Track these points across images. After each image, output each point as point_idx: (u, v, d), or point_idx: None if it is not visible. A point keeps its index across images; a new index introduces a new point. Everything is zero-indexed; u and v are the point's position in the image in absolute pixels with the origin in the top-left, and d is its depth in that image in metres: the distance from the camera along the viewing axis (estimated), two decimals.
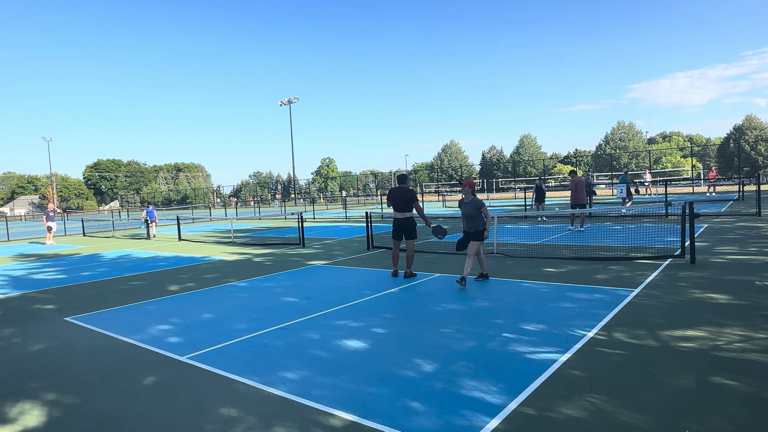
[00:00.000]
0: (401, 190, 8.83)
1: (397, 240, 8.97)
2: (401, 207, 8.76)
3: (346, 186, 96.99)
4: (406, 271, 8.84)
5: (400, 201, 8.76)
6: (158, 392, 4.19)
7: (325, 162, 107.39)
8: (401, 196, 8.77)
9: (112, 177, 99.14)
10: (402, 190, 8.84)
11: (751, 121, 67.05)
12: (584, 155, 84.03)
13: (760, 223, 14.39)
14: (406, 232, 8.79)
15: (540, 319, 5.69)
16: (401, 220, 8.79)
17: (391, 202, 8.85)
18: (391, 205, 8.85)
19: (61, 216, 45.48)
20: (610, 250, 10.61)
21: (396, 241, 8.99)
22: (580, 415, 3.37)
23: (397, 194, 8.80)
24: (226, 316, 6.65)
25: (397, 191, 8.83)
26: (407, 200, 8.75)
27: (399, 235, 8.91)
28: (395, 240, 8.99)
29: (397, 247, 9.03)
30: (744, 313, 5.54)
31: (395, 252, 9.04)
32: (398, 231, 8.88)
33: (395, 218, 8.85)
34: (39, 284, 10.24)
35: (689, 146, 74.64)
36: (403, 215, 8.78)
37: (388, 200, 8.93)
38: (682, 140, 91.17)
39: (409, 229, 8.78)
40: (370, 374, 4.31)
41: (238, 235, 19.54)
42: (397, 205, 8.79)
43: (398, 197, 8.78)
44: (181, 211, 49.30)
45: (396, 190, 8.87)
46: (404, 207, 8.76)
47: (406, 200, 8.75)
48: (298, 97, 58.22)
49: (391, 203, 8.86)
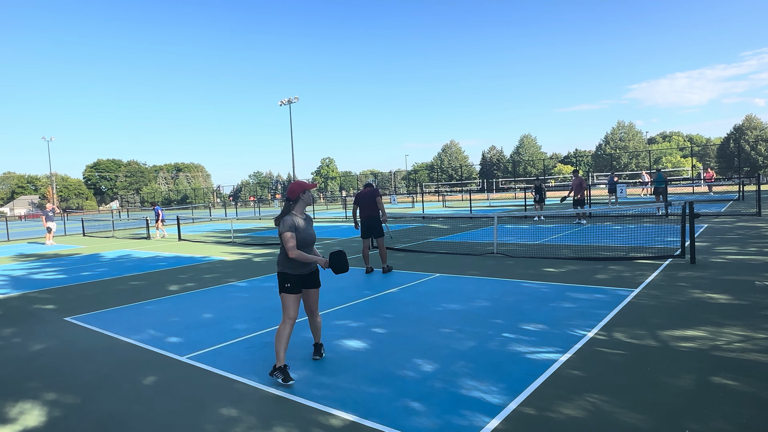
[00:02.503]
0: (366, 192, 9.47)
1: (366, 239, 9.55)
2: (367, 207, 9.33)
3: (346, 186, 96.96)
4: (383, 267, 9.32)
5: (366, 201, 9.37)
6: (158, 392, 4.19)
7: (325, 162, 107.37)
8: (366, 195, 9.43)
9: (112, 177, 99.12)
10: (367, 191, 9.48)
11: (751, 121, 67.02)
12: (584, 155, 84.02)
13: (760, 223, 14.39)
14: (373, 231, 9.35)
15: (540, 319, 5.69)
16: (367, 219, 9.35)
17: (358, 205, 9.46)
18: (358, 207, 9.45)
19: (61, 216, 45.46)
20: (610, 250, 10.61)
21: (365, 240, 9.58)
22: (580, 415, 3.37)
23: (362, 196, 9.47)
24: (226, 316, 6.65)
25: (362, 194, 9.50)
26: (371, 199, 9.35)
27: (367, 234, 9.42)
28: (364, 239, 9.59)
29: (366, 246, 9.66)
30: (744, 313, 5.54)
31: (365, 251, 9.63)
32: (366, 230, 9.41)
33: (361, 218, 9.43)
34: (39, 284, 10.24)
35: (689, 146, 74.64)
36: (368, 215, 9.34)
37: (354, 203, 9.55)
38: (682, 140, 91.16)
39: (376, 228, 9.32)
40: (370, 374, 4.31)
41: (238, 235, 19.54)
42: (363, 206, 9.37)
43: (363, 198, 9.41)
44: (181, 211, 49.30)
45: (362, 192, 9.54)
46: (370, 206, 9.33)
47: (371, 199, 9.35)
48: (298, 97, 58.18)
49: (358, 206, 9.41)
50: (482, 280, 8.23)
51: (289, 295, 4.36)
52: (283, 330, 4.32)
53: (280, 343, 4.27)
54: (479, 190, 64.44)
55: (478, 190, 64.58)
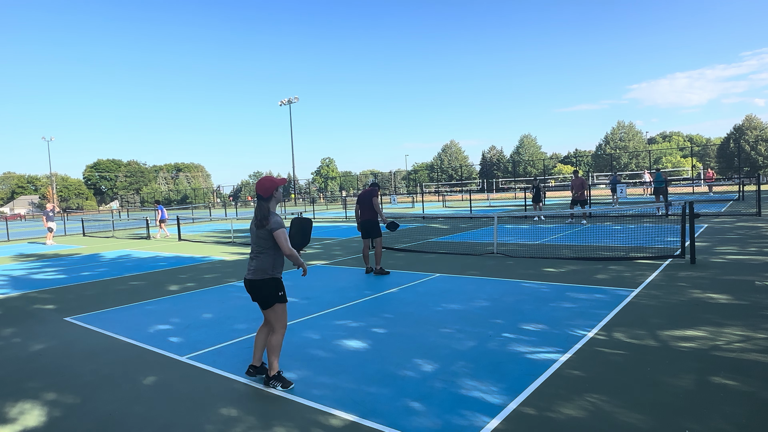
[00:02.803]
0: (365, 193, 9.47)
1: (366, 239, 9.49)
2: (367, 208, 9.32)
3: (346, 186, 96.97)
4: (375, 268, 9.29)
5: (365, 202, 9.35)
6: (158, 392, 4.19)
7: (325, 162, 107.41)
8: (365, 196, 9.42)
9: (112, 177, 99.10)
10: (366, 192, 9.48)
11: (751, 121, 67.01)
12: (584, 155, 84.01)
13: (760, 223, 14.39)
14: (372, 233, 9.30)
15: (540, 319, 5.69)
16: (366, 222, 9.29)
17: (359, 206, 9.42)
18: (359, 208, 9.42)
19: (61, 216, 45.46)
20: (610, 250, 10.61)
21: (365, 240, 9.52)
22: (580, 415, 3.37)
23: (362, 197, 9.46)
24: (226, 316, 6.65)
25: (362, 194, 9.49)
26: (368, 199, 9.33)
27: (367, 235, 9.41)
28: (364, 240, 9.53)
29: (366, 247, 9.58)
30: (744, 313, 5.54)
31: (365, 251, 9.59)
32: (365, 232, 9.40)
33: (361, 220, 9.39)
34: (39, 284, 10.23)
35: (689, 146, 74.64)
36: (367, 218, 9.32)
37: (356, 203, 9.54)
38: (682, 140, 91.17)
39: (373, 229, 9.26)
40: (370, 374, 4.30)
41: (238, 235, 19.53)
42: (363, 207, 9.36)
43: (363, 200, 9.39)
44: (181, 211, 49.30)
45: (362, 193, 9.54)
46: (369, 208, 9.32)
47: (368, 199, 9.32)
48: (298, 97, 58.20)
49: (359, 206, 9.43)
50: (482, 280, 8.23)
51: (283, 303, 4.12)
52: (280, 340, 4.12)
53: (275, 354, 4.09)
54: (479, 190, 64.43)
55: (478, 190, 64.58)
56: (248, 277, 4.12)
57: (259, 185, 4.14)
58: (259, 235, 4.05)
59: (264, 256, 4.07)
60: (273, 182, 4.15)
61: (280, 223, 4.03)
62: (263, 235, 4.03)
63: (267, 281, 4.05)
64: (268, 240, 4.02)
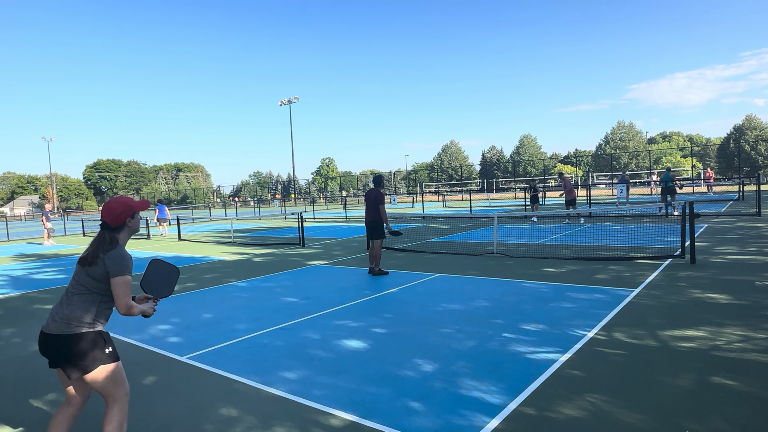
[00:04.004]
0: (371, 192, 9.33)
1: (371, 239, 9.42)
2: (370, 210, 9.25)
3: (346, 186, 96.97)
4: (374, 268, 9.23)
5: (369, 203, 9.27)
6: (158, 392, 4.19)
7: (325, 162, 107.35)
8: (370, 197, 9.29)
9: (112, 177, 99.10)
10: (371, 191, 9.34)
11: (751, 121, 67.05)
12: (584, 155, 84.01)
13: (760, 223, 14.39)
14: (373, 234, 9.26)
15: (540, 319, 5.69)
16: (369, 222, 9.28)
17: (365, 204, 9.36)
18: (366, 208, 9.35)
19: (58, 216, 45.45)
20: (610, 250, 10.61)
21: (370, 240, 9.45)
22: (580, 415, 3.37)
23: (367, 196, 9.33)
24: (226, 316, 6.65)
25: (368, 193, 9.35)
26: (374, 202, 9.22)
27: (370, 235, 9.38)
28: (369, 240, 9.52)
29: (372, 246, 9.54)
30: (744, 313, 5.54)
31: (370, 252, 9.49)
32: (368, 231, 9.38)
33: (365, 221, 9.36)
34: (39, 284, 10.23)
35: (689, 146, 74.66)
36: (370, 219, 9.25)
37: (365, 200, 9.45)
38: (682, 140, 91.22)
39: (375, 230, 9.21)
40: (370, 374, 4.30)
41: (238, 235, 19.54)
42: (367, 207, 9.30)
43: (368, 200, 9.29)
44: (181, 211, 49.30)
45: (368, 192, 9.37)
46: (372, 210, 9.23)
47: (373, 202, 9.22)
48: (298, 97, 58.22)
49: (365, 205, 9.36)
50: (482, 280, 8.23)
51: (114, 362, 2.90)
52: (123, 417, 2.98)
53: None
54: (479, 190, 64.48)
55: (478, 190, 64.62)
56: (48, 330, 2.73)
57: (107, 210, 2.88)
58: (88, 273, 2.76)
59: (82, 299, 2.76)
60: (128, 206, 2.91)
61: (126, 267, 2.78)
62: (94, 274, 2.75)
63: (81, 336, 2.73)
64: (99, 282, 2.77)
